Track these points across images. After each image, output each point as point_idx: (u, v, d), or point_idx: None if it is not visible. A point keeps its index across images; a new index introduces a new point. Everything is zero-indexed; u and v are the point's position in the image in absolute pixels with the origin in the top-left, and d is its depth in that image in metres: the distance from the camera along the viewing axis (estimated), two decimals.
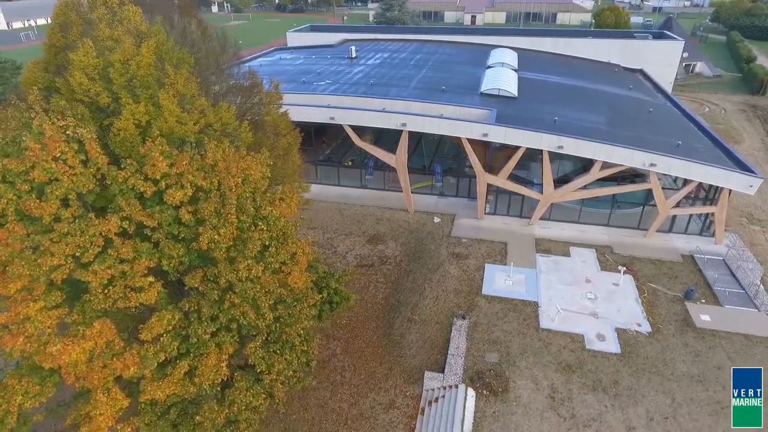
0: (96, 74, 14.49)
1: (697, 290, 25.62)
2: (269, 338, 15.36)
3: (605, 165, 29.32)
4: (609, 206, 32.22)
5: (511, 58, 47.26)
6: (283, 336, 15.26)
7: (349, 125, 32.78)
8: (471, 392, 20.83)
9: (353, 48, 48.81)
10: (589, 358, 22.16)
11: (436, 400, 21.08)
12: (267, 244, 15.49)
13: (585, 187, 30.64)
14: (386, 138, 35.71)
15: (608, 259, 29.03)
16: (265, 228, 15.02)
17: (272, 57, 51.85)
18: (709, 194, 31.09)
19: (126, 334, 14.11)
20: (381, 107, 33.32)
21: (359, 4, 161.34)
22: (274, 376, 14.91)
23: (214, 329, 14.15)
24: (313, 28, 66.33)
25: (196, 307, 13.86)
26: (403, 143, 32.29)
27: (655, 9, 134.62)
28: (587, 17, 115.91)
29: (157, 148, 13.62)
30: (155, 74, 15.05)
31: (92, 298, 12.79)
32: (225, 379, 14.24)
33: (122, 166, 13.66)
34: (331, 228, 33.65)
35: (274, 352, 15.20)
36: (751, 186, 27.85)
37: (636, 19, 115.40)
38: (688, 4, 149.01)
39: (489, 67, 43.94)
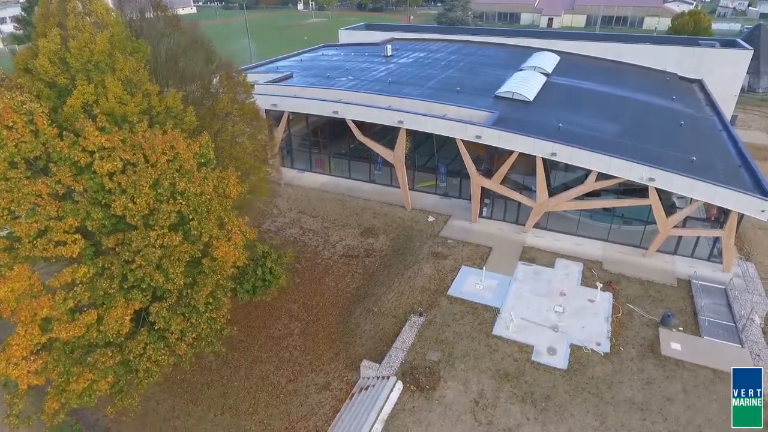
0: (56, 59, 16.94)
1: (675, 316, 23.76)
2: (180, 301, 16.99)
3: (602, 176, 27.92)
4: (613, 220, 30.54)
5: (549, 62, 45.70)
6: (191, 301, 16.82)
7: (351, 120, 33.89)
8: (399, 385, 21.18)
9: (389, 47, 49.77)
10: (530, 370, 21.55)
11: (367, 388, 21.70)
12: (190, 217, 17.14)
13: (583, 198, 29.37)
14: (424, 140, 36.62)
15: (594, 274, 27.64)
16: (183, 202, 16.64)
17: (315, 53, 54.21)
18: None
19: None
20: (387, 105, 34.04)
21: (438, 4, 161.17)
22: (177, 336, 16.52)
23: (126, 287, 16.04)
24: (368, 27, 67.99)
25: (109, 265, 15.79)
26: (401, 140, 32.84)
27: (763, 15, 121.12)
28: None
29: (89, 124, 15.70)
30: (108, 60, 17.23)
31: (20, 247, 15.13)
32: (130, 331, 16.07)
33: (63, 137, 15.88)
34: (329, 218, 35.01)
35: (182, 315, 16.81)
36: (763, 211, 25.19)
37: (734, 26, 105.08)
38: None
39: (520, 69, 42.92)
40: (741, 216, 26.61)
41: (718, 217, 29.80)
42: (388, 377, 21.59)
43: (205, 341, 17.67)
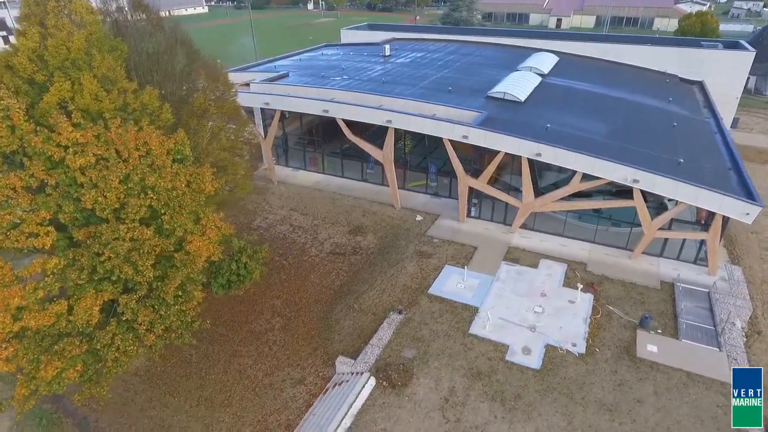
0: (35, 56, 17.47)
1: (653, 318, 23.63)
2: (151, 294, 17.40)
3: (588, 177, 27.83)
4: (600, 222, 30.41)
5: (547, 63, 45.54)
6: (161, 294, 17.21)
7: (341, 119, 34.17)
8: (372, 381, 21.39)
9: (387, 47, 49.95)
10: (503, 369, 21.62)
11: (341, 383, 21.95)
12: (162, 211, 17.53)
13: (569, 198, 29.30)
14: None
15: (577, 275, 27.57)
16: (154, 197, 17.04)
17: (316, 52, 54.56)
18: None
19: None
20: (378, 104, 34.26)
21: (447, 3, 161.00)
22: (146, 327, 16.92)
23: (97, 278, 16.47)
24: (370, 27, 68.20)
25: (78, 257, 16.25)
26: (389, 140, 33.03)
27: None
28: None
29: (62, 120, 16.18)
30: (86, 58, 17.72)
31: None
32: (100, 321, 16.51)
33: (37, 133, 16.36)
34: (320, 216, 35.33)
35: (151, 307, 17.21)
36: (747, 214, 24.91)
37: (746, 27, 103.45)
38: None
39: (516, 70, 42.84)
40: (727, 219, 26.39)
41: (708, 220, 29.54)
42: (362, 373, 21.82)
43: (175, 333, 18.06)
